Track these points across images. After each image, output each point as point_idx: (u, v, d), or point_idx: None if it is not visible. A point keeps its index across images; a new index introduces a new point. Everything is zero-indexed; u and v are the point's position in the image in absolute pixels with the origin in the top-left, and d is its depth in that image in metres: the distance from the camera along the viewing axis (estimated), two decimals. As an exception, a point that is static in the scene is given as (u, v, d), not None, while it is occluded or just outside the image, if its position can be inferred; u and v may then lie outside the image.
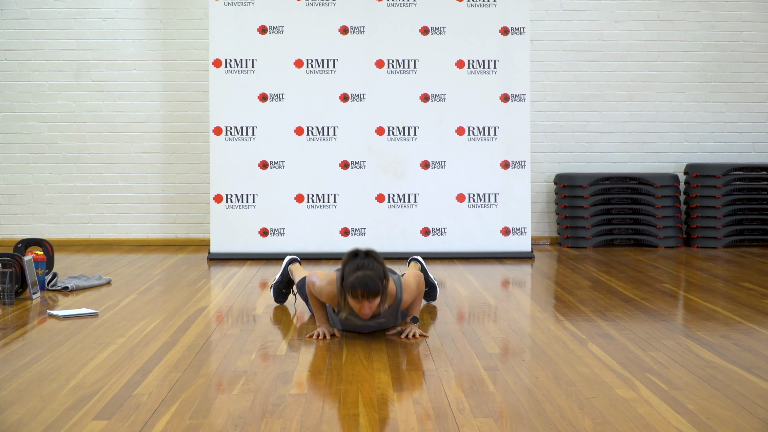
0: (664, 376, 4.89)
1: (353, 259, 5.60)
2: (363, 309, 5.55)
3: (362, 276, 5.48)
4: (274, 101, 9.88)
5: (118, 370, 5.03)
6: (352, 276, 5.51)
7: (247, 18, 9.85)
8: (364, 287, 5.46)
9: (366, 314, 5.58)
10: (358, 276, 5.48)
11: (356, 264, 5.55)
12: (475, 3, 9.94)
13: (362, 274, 5.49)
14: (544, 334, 6.00)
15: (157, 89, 10.87)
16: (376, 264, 5.57)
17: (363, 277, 5.47)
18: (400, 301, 5.87)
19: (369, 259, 5.58)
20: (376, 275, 5.52)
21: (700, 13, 11.10)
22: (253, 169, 9.86)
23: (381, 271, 5.58)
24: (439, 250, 9.85)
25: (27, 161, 10.85)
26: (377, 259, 5.64)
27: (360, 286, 5.47)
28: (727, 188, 10.69)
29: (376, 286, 5.49)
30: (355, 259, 5.59)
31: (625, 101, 11.12)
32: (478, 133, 9.96)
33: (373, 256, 5.62)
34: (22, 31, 10.78)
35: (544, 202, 11.16)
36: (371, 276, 5.49)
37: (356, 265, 5.54)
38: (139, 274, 8.70)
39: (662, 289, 7.83)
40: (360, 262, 5.55)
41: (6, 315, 6.64)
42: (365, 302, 5.52)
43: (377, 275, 5.53)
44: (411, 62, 9.94)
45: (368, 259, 5.58)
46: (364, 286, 5.46)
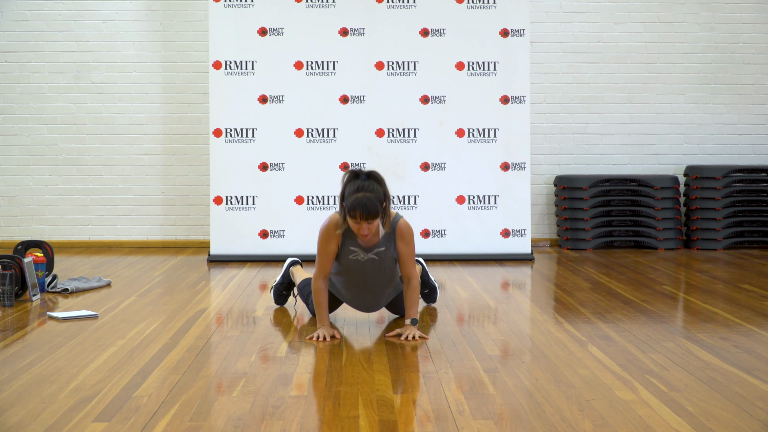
0: (663, 377, 4.89)
1: (354, 180, 5.75)
2: (362, 230, 5.69)
3: (361, 197, 5.61)
4: (274, 103, 9.88)
5: (117, 372, 5.03)
6: (352, 197, 5.65)
7: (247, 20, 9.85)
8: (363, 208, 5.60)
9: (365, 235, 5.72)
10: (357, 197, 5.62)
11: (357, 185, 5.69)
12: (474, 5, 9.95)
13: (362, 195, 5.62)
14: (544, 336, 6.00)
15: (157, 91, 10.87)
16: (376, 186, 5.73)
17: (362, 198, 5.61)
18: (395, 227, 5.96)
19: (369, 181, 5.74)
20: (376, 197, 5.66)
21: (699, 15, 11.11)
22: (253, 171, 9.86)
23: (381, 193, 5.74)
24: (439, 252, 9.85)
25: (27, 163, 10.85)
26: (378, 180, 5.80)
27: (359, 207, 5.61)
28: (727, 190, 10.69)
29: (374, 208, 5.63)
30: (356, 181, 5.74)
31: (625, 103, 11.13)
32: (478, 135, 9.96)
33: (373, 178, 5.79)
34: (21, 33, 10.79)
35: (544, 203, 11.16)
36: (370, 198, 5.63)
37: (356, 186, 5.69)
38: (139, 276, 8.70)
39: (662, 291, 7.83)
40: (360, 184, 5.70)
41: (6, 317, 6.64)
42: (364, 223, 5.67)
43: (377, 197, 5.67)
44: (411, 64, 9.95)
45: (369, 181, 5.74)
46: (362, 207, 5.60)
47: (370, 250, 6.01)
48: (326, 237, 5.96)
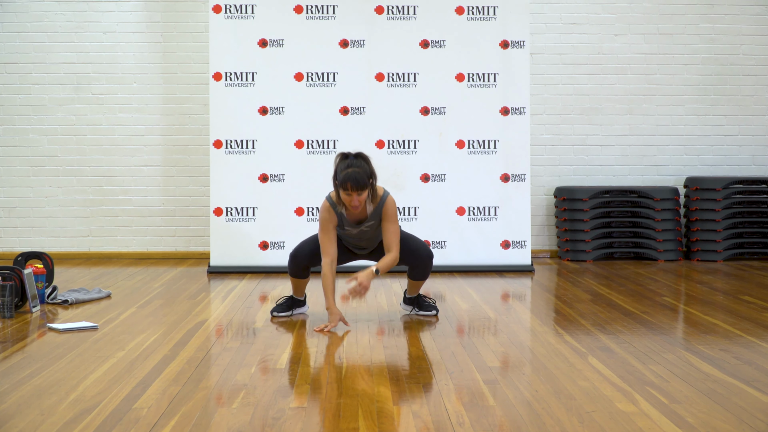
0: (664, 389, 4.89)
1: (344, 160, 6.56)
2: (353, 201, 6.50)
3: (351, 172, 6.44)
4: (275, 114, 9.89)
5: (117, 384, 5.03)
6: (343, 173, 6.47)
7: (247, 31, 9.87)
8: (353, 181, 6.42)
9: (355, 206, 6.53)
10: (348, 172, 6.45)
11: (347, 163, 6.52)
12: (474, 16, 9.96)
13: (351, 170, 6.45)
14: (544, 348, 6.00)
15: (158, 102, 10.88)
16: (364, 164, 6.54)
17: (352, 173, 6.43)
18: (383, 202, 6.70)
19: (358, 160, 6.54)
20: (364, 172, 6.48)
21: (699, 26, 11.12)
22: (253, 182, 9.86)
23: (368, 169, 6.55)
24: (439, 264, 9.84)
25: (27, 174, 10.85)
26: (365, 160, 6.58)
27: (349, 179, 6.43)
28: (727, 201, 10.69)
29: (363, 180, 6.44)
30: (346, 160, 6.55)
31: (625, 114, 11.13)
32: (478, 147, 9.97)
33: (361, 157, 6.58)
34: (22, 44, 10.80)
35: (544, 215, 11.16)
36: (359, 172, 6.44)
37: (347, 164, 6.51)
38: (139, 287, 8.70)
39: (662, 302, 7.83)
40: (350, 162, 6.51)
41: (6, 328, 6.64)
42: (354, 194, 6.47)
43: (364, 172, 6.49)
44: (411, 75, 9.96)
45: (357, 160, 6.54)
46: (353, 180, 6.42)
47: (360, 224, 6.77)
48: (325, 222, 6.71)
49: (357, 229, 6.77)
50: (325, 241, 6.72)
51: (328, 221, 6.70)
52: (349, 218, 6.74)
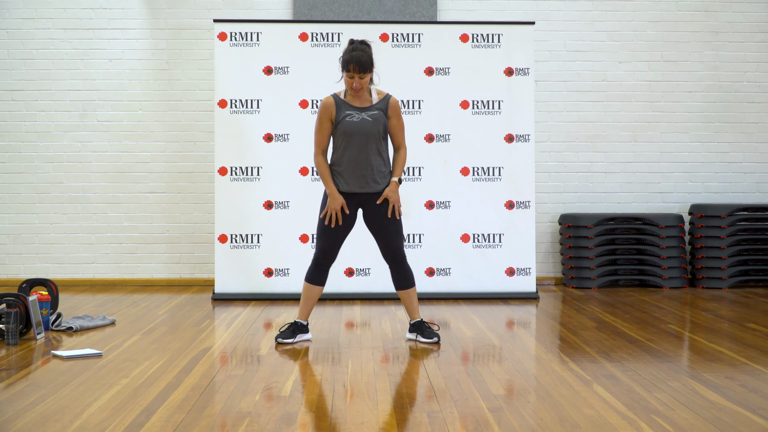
0: (669, 417, 4.88)
1: (350, 45, 6.98)
2: (355, 83, 6.94)
3: (356, 53, 6.89)
4: (279, 141, 9.90)
5: (122, 411, 5.02)
6: (348, 54, 6.92)
7: (252, 58, 9.89)
8: (357, 62, 6.88)
9: (357, 88, 6.97)
10: (352, 54, 6.90)
11: (352, 47, 6.95)
12: (479, 44, 9.99)
13: (356, 53, 6.89)
14: (549, 376, 5.99)
15: (163, 129, 10.90)
16: (368, 49, 6.97)
17: (356, 55, 6.89)
18: (389, 97, 7.18)
19: (363, 45, 6.97)
20: (367, 56, 6.93)
21: (703, 54, 11.14)
22: (257, 209, 9.87)
23: (371, 53, 6.97)
24: (444, 291, 9.84)
25: (32, 201, 10.87)
26: (369, 46, 7.00)
27: (353, 60, 6.88)
28: (732, 229, 10.69)
29: (366, 63, 6.90)
30: (352, 44, 6.97)
31: (630, 142, 11.14)
32: (483, 174, 9.97)
33: (366, 44, 7.00)
34: (28, 71, 10.84)
35: (549, 242, 11.16)
36: (363, 55, 6.90)
37: (352, 47, 6.95)
38: (144, 314, 8.70)
39: (667, 330, 7.82)
40: (355, 45, 6.95)
41: (10, 355, 6.64)
42: (357, 76, 6.92)
43: (368, 56, 6.93)
44: (416, 102, 9.97)
45: (362, 45, 6.97)
46: (356, 60, 6.88)
47: (363, 110, 7.11)
48: (321, 117, 7.15)
49: (359, 116, 7.08)
50: (319, 135, 7.17)
51: (324, 114, 7.11)
52: (353, 103, 7.12)
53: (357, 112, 7.05)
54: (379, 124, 7.08)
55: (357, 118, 7.05)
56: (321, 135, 7.17)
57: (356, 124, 7.04)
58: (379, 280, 9.75)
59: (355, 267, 9.85)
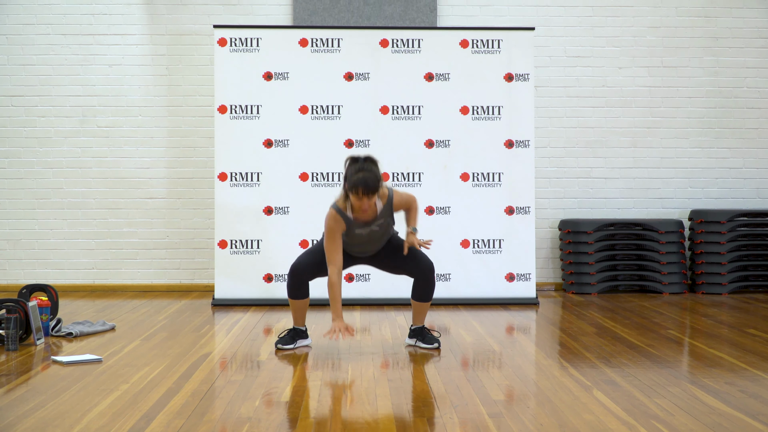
0: (669, 423, 4.87)
1: (354, 164, 6.70)
2: (363, 205, 6.68)
3: (362, 176, 6.61)
4: (279, 147, 9.90)
5: (121, 417, 5.02)
6: (354, 177, 6.63)
7: (252, 64, 9.90)
8: (364, 185, 6.60)
9: (365, 210, 6.72)
10: (359, 176, 6.61)
11: (357, 167, 6.66)
12: (479, 49, 9.99)
13: (362, 174, 6.62)
14: (549, 381, 5.98)
15: (163, 135, 10.91)
16: (374, 167, 6.70)
17: (363, 177, 6.61)
18: (391, 199, 6.95)
19: (368, 163, 6.69)
20: (374, 177, 6.65)
21: (703, 59, 11.15)
22: (257, 215, 9.86)
23: (378, 173, 6.70)
24: (444, 296, 9.84)
25: (32, 207, 10.87)
26: (375, 163, 6.73)
27: (361, 184, 6.60)
28: (732, 234, 10.68)
29: (374, 184, 6.63)
30: (356, 163, 6.68)
31: (629, 147, 11.14)
32: (483, 179, 9.97)
33: (371, 161, 6.73)
34: (28, 77, 10.84)
35: (549, 248, 11.16)
36: (369, 176, 6.63)
37: (357, 167, 6.66)
38: (143, 320, 8.70)
39: (667, 335, 7.81)
40: (360, 165, 6.66)
41: (10, 361, 6.63)
42: (365, 198, 6.64)
43: (375, 176, 6.66)
44: (415, 108, 9.97)
45: (367, 163, 6.69)
46: (364, 184, 6.60)
47: (371, 224, 6.92)
48: (332, 231, 6.84)
49: (367, 229, 6.94)
50: (332, 250, 6.85)
51: (336, 230, 6.84)
52: (358, 221, 6.88)
53: (363, 228, 6.93)
54: (387, 231, 7.06)
55: (365, 231, 6.95)
56: (336, 253, 6.85)
57: (365, 236, 6.98)
58: (378, 286, 9.75)
59: (355, 272, 9.85)
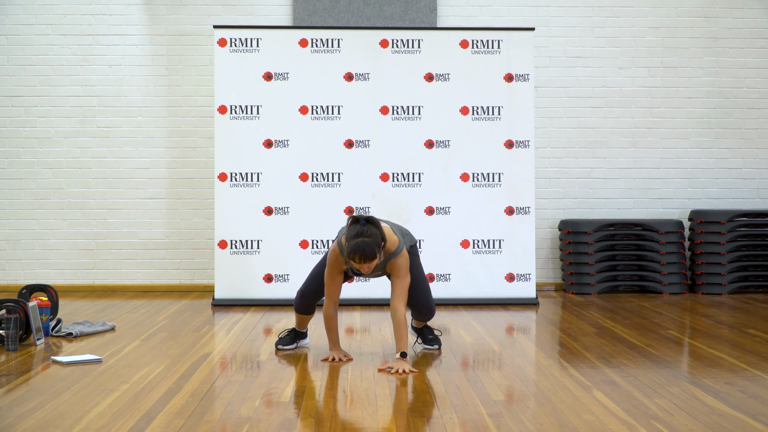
0: (669, 423, 4.87)
1: (354, 226, 6.32)
2: (362, 269, 6.30)
3: (360, 242, 6.20)
4: (279, 147, 9.90)
5: (121, 417, 5.02)
6: (352, 242, 6.23)
7: (252, 64, 9.90)
8: (362, 252, 6.19)
9: (365, 272, 6.35)
10: (357, 242, 6.21)
11: (356, 231, 6.27)
12: (479, 50, 9.99)
13: (360, 241, 6.21)
14: (549, 381, 5.98)
15: (162, 135, 10.90)
16: (374, 230, 6.28)
17: (361, 244, 6.19)
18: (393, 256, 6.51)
19: (368, 226, 6.29)
20: (374, 242, 6.23)
21: (703, 60, 11.15)
22: (257, 215, 9.86)
23: (378, 237, 6.29)
24: (444, 296, 9.84)
25: (32, 207, 10.87)
26: (376, 225, 6.34)
27: (358, 251, 6.20)
28: (732, 234, 10.68)
29: (372, 252, 6.21)
30: (356, 226, 6.31)
31: (629, 147, 11.14)
32: (483, 180, 9.97)
33: (372, 223, 6.33)
34: (28, 77, 10.84)
35: (549, 248, 11.15)
36: (368, 243, 6.20)
37: (356, 231, 6.26)
38: (143, 320, 8.70)
39: (667, 335, 7.81)
40: (359, 229, 6.26)
41: (10, 361, 6.63)
42: (364, 264, 6.24)
43: (374, 242, 6.24)
44: (415, 108, 9.97)
45: (367, 226, 6.28)
46: (361, 251, 6.19)
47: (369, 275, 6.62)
48: (332, 269, 6.60)
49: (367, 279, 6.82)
50: (331, 286, 6.64)
51: (335, 268, 6.59)
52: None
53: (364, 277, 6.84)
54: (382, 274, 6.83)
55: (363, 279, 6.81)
56: (334, 288, 6.65)
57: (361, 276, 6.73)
58: (379, 286, 9.74)
59: (354, 273, 9.84)
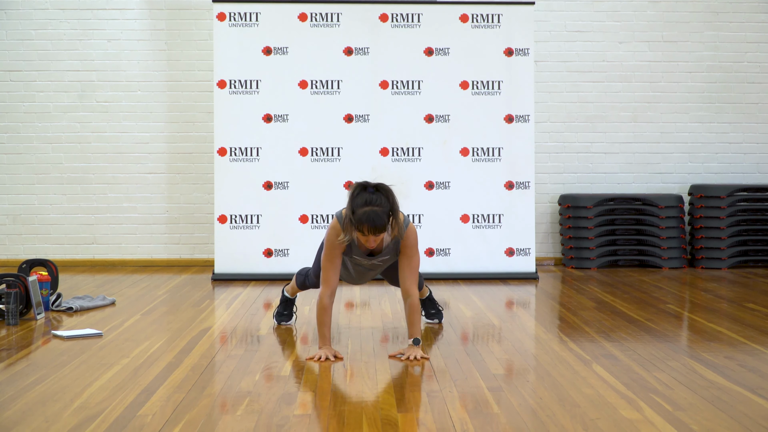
0: (668, 397, 4.88)
1: (362, 193, 5.74)
2: (368, 242, 5.77)
3: (370, 211, 5.64)
4: (279, 122, 9.89)
5: (122, 391, 5.03)
6: (360, 210, 5.67)
7: (251, 39, 9.88)
8: (371, 222, 5.64)
9: (371, 246, 5.81)
10: (365, 211, 5.64)
11: (365, 198, 5.70)
12: (479, 24, 9.97)
13: (370, 209, 5.65)
14: (549, 355, 5.99)
15: (162, 110, 10.89)
16: (384, 199, 5.72)
17: (370, 213, 5.63)
18: (401, 238, 5.95)
19: (377, 194, 5.73)
20: (383, 211, 5.68)
21: (704, 34, 11.12)
22: (257, 190, 9.86)
23: (388, 206, 5.74)
24: (444, 271, 9.85)
25: (32, 182, 10.86)
26: (385, 193, 5.77)
27: (367, 221, 5.64)
28: (732, 209, 10.68)
29: (382, 222, 5.65)
30: (364, 193, 5.73)
31: (629, 122, 11.13)
32: (483, 154, 9.96)
33: (381, 191, 5.76)
34: (26, 52, 10.81)
35: (549, 222, 11.15)
36: (378, 212, 5.65)
37: (365, 199, 5.69)
38: (143, 294, 8.70)
39: (666, 309, 7.82)
40: (368, 197, 5.70)
41: (10, 335, 6.64)
42: (371, 236, 5.71)
43: (384, 211, 5.69)
44: (415, 83, 9.96)
45: (377, 194, 5.73)
46: (370, 221, 5.64)
47: (374, 257, 6.12)
48: (332, 247, 5.98)
49: (368, 261, 6.13)
50: (329, 269, 5.98)
51: (336, 246, 5.95)
52: (361, 248, 6.06)
53: (367, 259, 6.11)
54: (390, 264, 6.30)
55: (366, 263, 6.15)
56: (333, 271, 5.98)
57: (364, 268, 6.24)
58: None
59: (354, 247, 9.84)
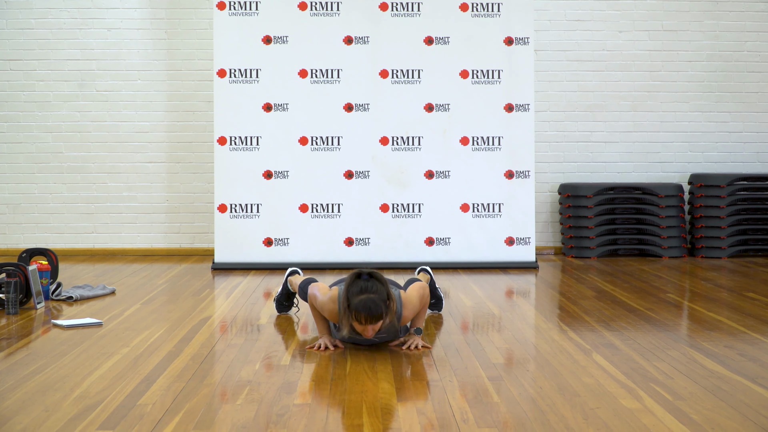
0: (668, 386, 4.88)
1: (357, 281, 5.59)
2: (366, 331, 5.52)
3: (366, 300, 5.45)
4: (279, 111, 9.88)
5: (122, 380, 5.03)
6: (356, 299, 5.49)
7: (251, 28, 9.86)
8: (368, 311, 5.44)
9: (369, 335, 5.54)
10: (362, 299, 5.46)
11: (360, 287, 5.53)
12: (479, 13, 9.95)
13: (366, 297, 5.46)
14: (549, 345, 5.99)
15: (162, 99, 10.88)
16: (379, 286, 5.55)
17: (367, 301, 5.45)
18: (400, 317, 5.81)
19: (372, 282, 5.57)
20: (380, 298, 5.50)
21: (704, 23, 11.11)
22: (257, 179, 9.86)
23: (384, 293, 5.55)
24: (444, 260, 9.85)
25: (32, 171, 10.86)
26: (380, 280, 5.61)
27: (364, 310, 5.44)
28: (732, 198, 10.68)
29: (379, 310, 5.45)
30: (359, 281, 5.58)
31: (629, 111, 11.12)
32: (483, 143, 9.96)
33: (376, 278, 5.60)
34: (26, 41, 10.80)
35: (549, 212, 11.15)
36: (375, 300, 5.46)
37: (360, 287, 5.53)
38: (143, 283, 8.70)
39: (666, 299, 7.82)
40: (364, 285, 5.53)
41: (10, 325, 6.64)
42: (369, 326, 5.48)
43: (380, 298, 5.50)
44: (415, 72, 9.95)
45: (372, 282, 5.56)
46: (367, 310, 5.44)
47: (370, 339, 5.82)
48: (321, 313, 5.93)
49: (367, 341, 5.86)
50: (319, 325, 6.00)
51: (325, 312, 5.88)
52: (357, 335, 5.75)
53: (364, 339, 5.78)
54: (390, 336, 5.91)
55: (362, 340, 5.82)
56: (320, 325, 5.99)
57: (361, 340, 5.83)
58: (378, 250, 9.76)
59: (354, 237, 9.85)
